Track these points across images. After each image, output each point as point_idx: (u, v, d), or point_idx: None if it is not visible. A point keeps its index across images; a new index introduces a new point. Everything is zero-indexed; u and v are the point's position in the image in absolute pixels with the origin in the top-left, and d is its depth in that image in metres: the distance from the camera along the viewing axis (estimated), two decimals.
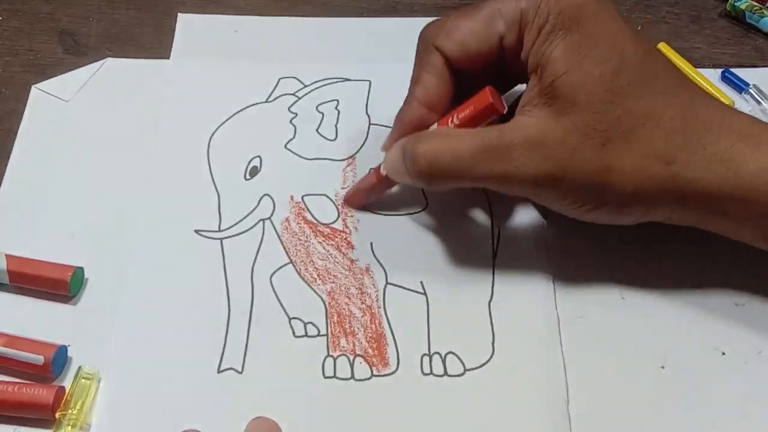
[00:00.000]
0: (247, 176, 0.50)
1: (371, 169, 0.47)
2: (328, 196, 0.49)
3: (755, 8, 0.57)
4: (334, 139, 0.51)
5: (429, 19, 0.50)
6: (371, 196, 0.47)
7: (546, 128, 0.40)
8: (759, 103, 0.52)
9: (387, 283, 0.46)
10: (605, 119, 0.40)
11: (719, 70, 0.54)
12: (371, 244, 0.47)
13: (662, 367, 0.43)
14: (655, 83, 0.41)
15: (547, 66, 0.40)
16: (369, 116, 0.52)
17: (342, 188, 0.49)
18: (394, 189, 0.48)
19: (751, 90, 0.53)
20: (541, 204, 0.45)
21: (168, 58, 0.55)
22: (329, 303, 0.45)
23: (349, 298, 0.45)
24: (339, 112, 0.52)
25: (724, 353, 0.43)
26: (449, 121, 0.43)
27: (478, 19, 0.43)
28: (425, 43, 0.45)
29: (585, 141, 0.40)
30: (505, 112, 0.43)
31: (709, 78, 0.53)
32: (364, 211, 0.48)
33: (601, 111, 0.40)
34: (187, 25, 0.57)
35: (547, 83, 0.40)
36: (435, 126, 0.44)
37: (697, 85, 0.44)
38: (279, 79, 0.54)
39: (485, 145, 0.41)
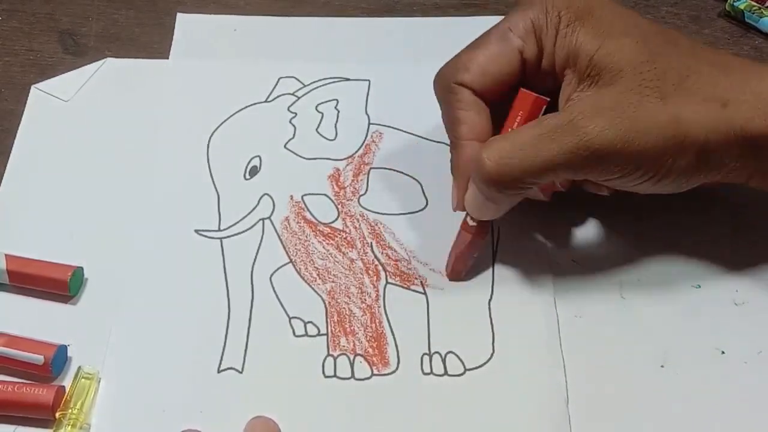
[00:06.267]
0: (247, 176, 0.50)
1: (459, 234, 0.45)
2: (327, 196, 0.49)
3: (754, 8, 0.57)
4: (334, 139, 0.51)
5: (428, 19, 0.51)
6: (473, 254, 0.45)
7: (601, 96, 0.40)
8: None
9: (387, 282, 0.46)
10: (653, 77, 0.40)
11: None
12: (371, 243, 0.47)
13: (662, 367, 0.43)
14: (680, 46, 0.42)
15: (579, 52, 0.41)
16: (368, 116, 0.52)
17: (342, 188, 0.49)
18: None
19: None
20: (614, 185, 0.42)
21: (168, 58, 0.55)
22: (329, 302, 0.45)
23: (349, 298, 0.45)
24: (338, 111, 0.52)
25: (724, 353, 0.43)
26: None
27: (491, 44, 0.43)
28: (446, 85, 0.44)
29: (643, 98, 0.40)
30: (549, 100, 0.42)
31: None
32: (363, 209, 0.48)
33: (646, 70, 0.40)
34: (187, 24, 0.57)
35: (584, 65, 0.41)
36: None
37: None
38: (278, 79, 0.54)
39: (547, 126, 0.40)
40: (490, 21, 0.45)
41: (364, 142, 0.51)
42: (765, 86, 0.41)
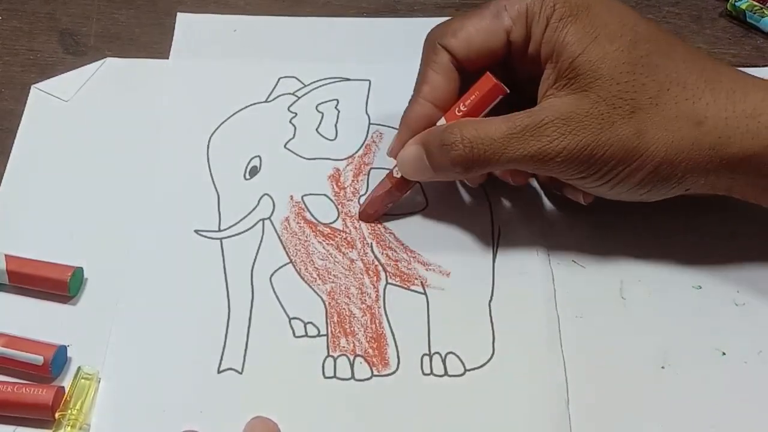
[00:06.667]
0: (247, 176, 0.50)
1: (382, 180, 0.47)
2: (327, 196, 0.49)
3: (756, 8, 0.57)
4: (334, 139, 0.51)
5: (429, 19, 0.50)
6: (386, 204, 0.47)
7: (573, 104, 0.41)
8: None
9: (387, 283, 0.46)
10: (630, 88, 0.40)
11: None
12: (371, 244, 0.47)
13: (662, 367, 0.43)
14: (673, 52, 0.42)
15: (563, 51, 0.41)
16: (368, 116, 0.52)
17: (342, 188, 0.49)
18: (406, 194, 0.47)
19: None
20: (575, 184, 0.44)
21: (168, 58, 0.55)
22: (329, 303, 0.45)
23: (349, 298, 0.45)
24: (339, 111, 0.52)
25: (724, 353, 0.43)
26: (455, 110, 0.44)
27: (483, 17, 0.44)
28: (432, 44, 0.45)
29: (613, 111, 0.40)
30: (508, 92, 0.43)
31: None
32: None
33: (624, 81, 0.41)
34: (187, 24, 0.57)
35: (565, 66, 0.41)
36: (442, 119, 0.44)
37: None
38: (279, 79, 0.54)
39: (517, 126, 0.41)
40: None
41: (364, 142, 0.51)
42: (749, 103, 0.41)
